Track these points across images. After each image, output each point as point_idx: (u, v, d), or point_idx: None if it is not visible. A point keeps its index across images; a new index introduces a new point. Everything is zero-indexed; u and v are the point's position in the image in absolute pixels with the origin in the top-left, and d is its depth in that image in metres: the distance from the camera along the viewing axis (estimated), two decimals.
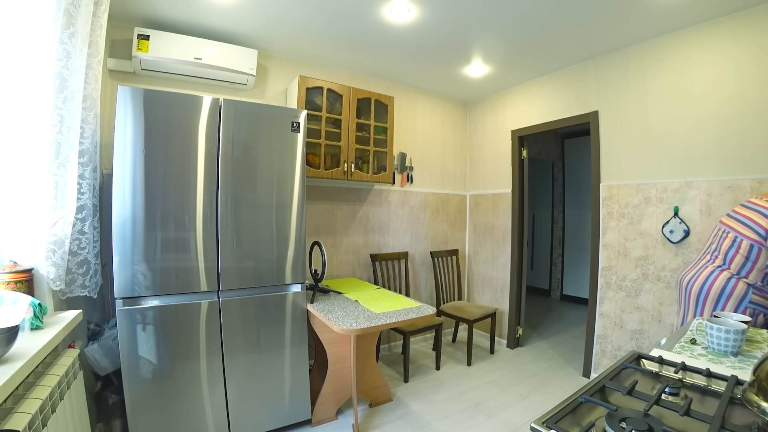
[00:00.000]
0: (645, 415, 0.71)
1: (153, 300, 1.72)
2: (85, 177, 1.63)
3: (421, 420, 2.24)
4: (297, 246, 2.07)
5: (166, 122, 1.72)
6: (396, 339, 3.39)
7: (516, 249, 3.40)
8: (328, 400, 2.19)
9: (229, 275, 1.89)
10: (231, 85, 2.55)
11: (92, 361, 1.75)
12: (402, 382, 2.74)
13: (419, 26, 2.30)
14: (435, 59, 2.82)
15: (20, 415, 0.94)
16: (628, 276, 2.53)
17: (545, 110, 3.11)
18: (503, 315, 3.49)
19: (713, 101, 2.12)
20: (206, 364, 1.84)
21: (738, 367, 1.02)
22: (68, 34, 1.37)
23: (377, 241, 3.29)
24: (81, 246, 1.62)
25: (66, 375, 1.25)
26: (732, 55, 2.04)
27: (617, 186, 2.60)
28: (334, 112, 2.69)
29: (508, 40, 2.48)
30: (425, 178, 3.60)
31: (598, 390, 0.84)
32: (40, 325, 1.24)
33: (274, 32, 2.44)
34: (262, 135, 1.95)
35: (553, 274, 5.55)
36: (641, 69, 2.44)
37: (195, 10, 2.14)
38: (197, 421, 1.82)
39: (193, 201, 1.79)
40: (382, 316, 1.95)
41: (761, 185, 1.94)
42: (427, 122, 3.61)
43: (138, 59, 2.14)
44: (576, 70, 2.86)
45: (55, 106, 1.35)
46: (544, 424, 0.70)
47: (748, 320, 1.24)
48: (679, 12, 2.07)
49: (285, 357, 2.05)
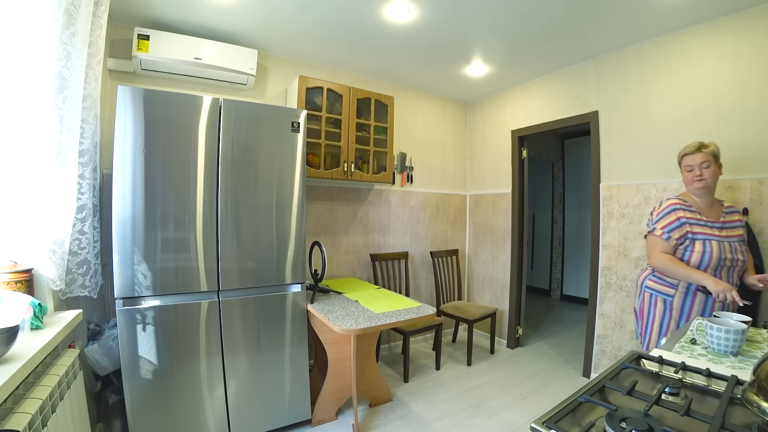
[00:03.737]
0: (645, 415, 0.71)
1: (153, 300, 1.72)
2: (85, 177, 1.63)
3: (421, 420, 2.24)
4: (297, 246, 2.07)
5: (166, 122, 1.72)
6: (396, 339, 3.39)
7: (516, 249, 3.40)
8: (328, 400, 2.19)
9: (229, 275, 1.89)
10: (231, 85, 2.55)
11: (92, 361, 1.75)
12: (402, 382, 2.74)
13: (419, 26, 2.30)
14: (435, 59, 2.82)
15: (20, 415, 0.94)
16: (628, 276, 2.53)
17: (545, 110, 3.11)
18: (503, 315, 3.49)
19: (713, 101, 2.12)
20: (206, 364, 1.84)
21: (738, 367, 1.02)
22: (68, 34, 1.37)
23: (377, 241, 3.29)
24: (81, 246, 1.62)
25: (66, 375, 1.25)
26: (732, 55, 2.04)
27: (617, 186, 2.60)
28: (334, 112, 2.69)
29: (508, 41, 2.48)
30: (425, 178, 3.60)
31: (598, 390, 0.84)
32: (40, 325, 1.24)
33: (274, 32, 2.44)
34: (262, 135, 1.95)
35: (553, 274, 5.55)
36: (641, 69, 2.44)
37: (195, 10, 2.14)
38: (197, 421, 1.82)
39: (193, 201, 1.79)
40: (382, 316, 1.95)
41: (761, 185, 1.94)
42: (427, 122, 3.60)
43: (138, 59, 2.13)
44: (576, 70, 2.86)
45: (55, 106, 1.35)
46: (544, 424, 0.70)
47: (749, 320, 1.24)
48: (679, 12, 2.07)
49: (285, 357, 2.05)
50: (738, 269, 1.69)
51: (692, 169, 1.70)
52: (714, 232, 1.68)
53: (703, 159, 1.67)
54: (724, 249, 1.65)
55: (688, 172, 1.73)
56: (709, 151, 1.67)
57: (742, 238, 1.71)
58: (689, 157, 1.72)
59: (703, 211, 1.73)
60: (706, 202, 1.73)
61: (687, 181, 1.75)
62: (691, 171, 1.71)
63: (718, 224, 1.70)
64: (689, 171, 1.72)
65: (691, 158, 1.71)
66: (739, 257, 1.66)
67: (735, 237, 1.69)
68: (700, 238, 1.68)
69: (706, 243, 1.67)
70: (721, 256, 1.65)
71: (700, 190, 1.70)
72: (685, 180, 1.76)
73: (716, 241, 1.66)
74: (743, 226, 1.73)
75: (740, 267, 1.69)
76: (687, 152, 1.74)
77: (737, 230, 1.71)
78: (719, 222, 1.70)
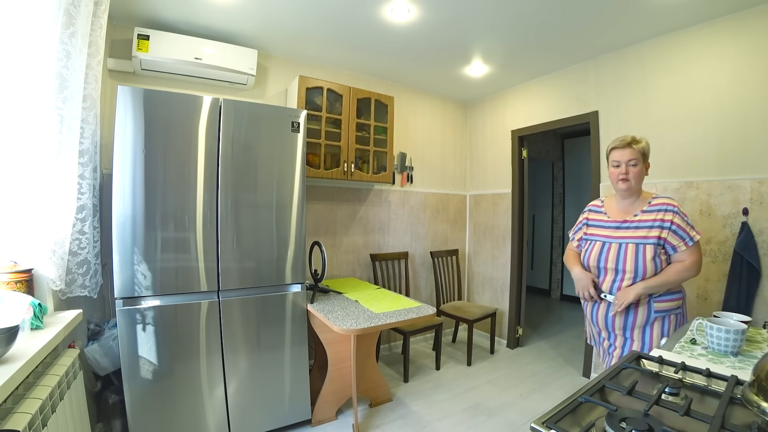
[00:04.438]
0: (645, 415, 0.71)
1: (153, 300, 1.72)
2: (85, 177, 1.63)
3: (421, 420, 2.24)
4: (297, 246, 2.07)
5: (166, 122, 1.72)
6: (396, 339, 3.39)
7: (516, 249, 3.40)
8: (328, 400, 2.19)
9: (229, 275, 1.89)
10: (231, 85, 2.55)
11: (92, 361, 1.75)
12: (402, 382, 2.74)
13: (419, 26, 2.30)
14: (435, 59, 2.82)
15: (20, 415, 0.94)
16: None
17: (545, 110, 3.11)
18: (503, 315, 3.49)
19: (713, 101, 2.12)
20: (206, 364, 1.84)
21: (738, 367, 1.02)
22: (68, 34, 1.37)
23: (377, 241, 3.29)
24: (81, 246, 1.62)
25: (66, 375, 1.25)
26: (731, 55, 2.04)
27: None
28: (334, 112, 2.69)
29: (508, 41, 2.48)
30: (425, 178, 3.60)
31: (598, 390, 0.84)
32: (40, 325, 1.24)
33: (274, 32, 2.44)
34: (262, 135, 1.95)
35: (553, 274, 5.55)
36: (641, 69, 2.44)
37: (195, 10, 2.14)
38: (197, 421, 1.82)
39: (193, 201, 1.79)
40: (382, 316, 1.95)
41: (761, 185, 1.94)
42: (427, 122, 3.60)
43: (138, 59, 2.13)
44: (576, 70, 2.86)
45: (55, 106, 1.35)
46: (544, 424, 0.70)
47: (749, 320, 1.24)
48: (679, 12, 2.07)
49: (285, 357, 2.05)
50: (629, 276, 1.50)
51: (618, 165, 1.54)
52: (605, 232, 1.59)
53: (632, 156, 1.51)
54: (607, 250, 1.55)
55: (614, 167, 1.57)
56: (639, 147, 1.53)
57: (648, 241, 1.48)
58: (618, 151, 1.55)
59: (613, 211, 1.63)
60: (627, 201, 1.59)
61: (612, 178, 1.59)
62: (617, 167, 1.55)
63: (615, 224, 1.58)
64: (615, 167, 1.56)
65: (619, 153, 1.54)
66: (627, 262, 1.49)
67: (635, 238, 1.50)
68: (590, 239, 1.64)
69: (591, 244, 1.62)
70: (601, 257, 1.56)
71: (622, 192, 1.57)
72: (610, 176, 1.61)
73: (600, 242, 1.59)
74: (667, 228, 1.47)
75: (630, 274, 1.50)
76: (616, 146, 1.57)
77: (644, 231, 1.50)
78: (619, 221, 1.57)
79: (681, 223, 1.47)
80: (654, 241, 1.46)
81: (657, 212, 1.50)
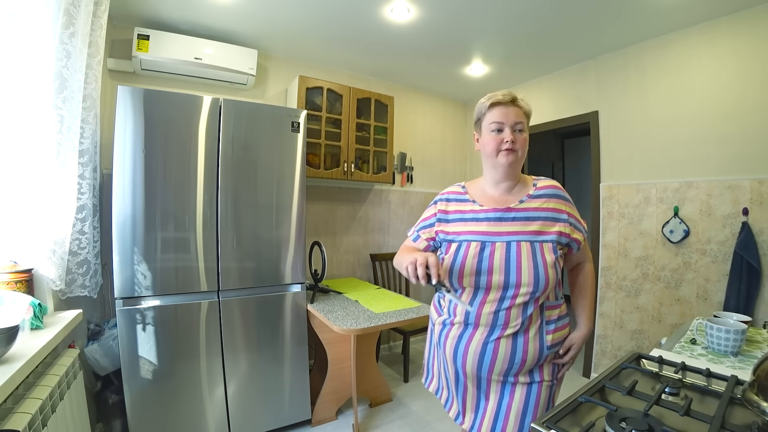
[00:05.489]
0: (645, 415, 0.71)
1: (153, 300, 1.72)
2: (85, 177, 1.63)
3: (421, 420, 2.24)
4: (297, 246, 2.07)
5: (166, 122, 1.72)
6: (396, 339, 3.39)
7: None
8: (328, 400, 2.19)
9: (229, 275, 1.89)
10: (231, 85, 2.55)
11: (92, 361, 1.75)
12: (402, 382, 2.74)
13: (419, 26, 2.30)
14: (435, 59, 2.82)
15: (20, 415, 0.94)
16: (628, 276, 2.53)
17: (545, 110, 3.11)
18: None
19: (713, 101, 2.12)
20: (206, 364, 1.84)
21: (738, 367, 1.02)
22: (68, 34, 1.37)
23: (377, 241, 3.29)
24: (81, 246, 1.62)
25: (66, 375, 1.25)
26: (732, 55, 2.04)
27: (617, 186, 2.60)
28: (334, 112, 2.69)
29: (508, 41, 2.48)
30: (425, 178, 3.60)
31: (598, 390, 0.84)
32: (40, 325, 1.24)
33: (274, 32, 2.44)
34: (262, 135, 1.95)
35: None
36: (641, 69, 2.44)
37: (195, 10, 2.14)
38: (197, 421, 1.82)
39: (193, 201, 1.79)
40: (382, 316, 1.95)
41: (761, 185, 1.94)
42: (427, 122, 3.60)
43: (138, 59, 2.13)
44: (576, 70, 2.86)
45: (55, 106, 1.35)
46: (544, 424, 0.70)
47: (749, 320, 1.24)
48: (679, 12, 2.07)
49: (285, 357, 2.05)
50: (525, 291, 0.99)
51: (501, 130, 1.05)
52: (481, 227, 1.07)
53: (518, 118, 1.05)
54: (490, 253, 1.02)
55: (493, 132, 1.06)
56: (526, 107, 1.09)
57: (546, 237, 1.03)
58: (500, 109, 1.05)
59: (486, 198, 1.13)
60: (507, 184, 1.12)
61: (488, 149, 1.08)
62: (499, 132, 1.05)
63: (495, 215, 1.07)
64: (496, 132, 1.06)
65: (502, 112, 1.05)
66: (523, 270, 0.99)
67: (527, 234, 1.03)
68: (457, 239, 1.09)
69: (461, 245, 1.06)
70: (482, 264, 1.02)
71: (504, 168, 1.07)
72: (484, 146, 1.10)
73: (477, 242, 1.05)
74: (564, 221, 1.06)
75: (527, 288, 0.99)
76: (498, 100, 1.06)
77: (537, 224, 1.04)
78: (500, 210, 1.07)
79: (574, 212, 1.10)
80: (554, 237, 1.03)
81: (547, 198, 1.09)
